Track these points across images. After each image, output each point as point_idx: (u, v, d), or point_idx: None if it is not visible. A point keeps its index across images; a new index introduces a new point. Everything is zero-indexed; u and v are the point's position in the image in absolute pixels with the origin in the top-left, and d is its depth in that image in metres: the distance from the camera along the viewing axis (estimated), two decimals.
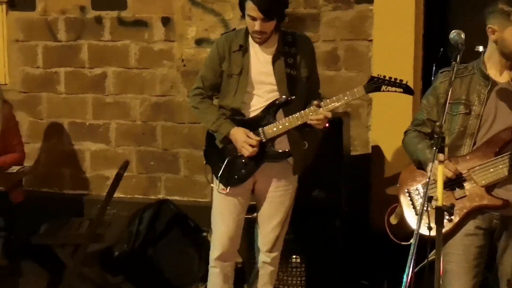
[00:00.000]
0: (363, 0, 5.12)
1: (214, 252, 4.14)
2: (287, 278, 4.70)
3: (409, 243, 3.50)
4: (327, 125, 3.91)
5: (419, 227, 2.88)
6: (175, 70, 5.55)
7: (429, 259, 3.36)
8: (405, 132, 3.64)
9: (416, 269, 3.60)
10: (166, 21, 5.54)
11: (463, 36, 3.18)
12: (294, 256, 4.69)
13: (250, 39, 3.98)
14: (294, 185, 4.15)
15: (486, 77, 3.34)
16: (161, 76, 5.58)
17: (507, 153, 3.28)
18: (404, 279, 2.81)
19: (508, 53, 3.29)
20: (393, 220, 3.63)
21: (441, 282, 2.94)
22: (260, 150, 3.96)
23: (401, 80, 3.82)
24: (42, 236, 5.00)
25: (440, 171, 2.88)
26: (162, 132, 5.66)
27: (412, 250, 2.83)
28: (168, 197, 5.51)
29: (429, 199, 2.94)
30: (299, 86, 3.98)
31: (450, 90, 3.10)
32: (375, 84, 3.85)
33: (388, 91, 3.85)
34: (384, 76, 3.84)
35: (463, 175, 3.30)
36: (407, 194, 3.53)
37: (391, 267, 3.91)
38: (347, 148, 4.90)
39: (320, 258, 4.64)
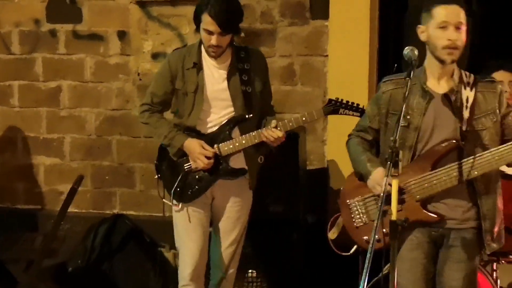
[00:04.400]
0: (318, 16, 5.18)
1: (186, 269, 4.06)
2: None
3: (350, 253, 3.57)
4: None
5: (373, 240, 2.90)
6: (131, 84, 5.54)
7: (383, 273, 3.41)
8: (349, 136, 3.67)
9: (371, 282, 3.65)
10: (122, 34, 5.53)
11: (416, 52, 3.21)
12: (250, 271, 4.70)
13: (203, 55, 3.98)
14: (250, 200, 4.16)
15: (425, 89, 3.36)
16: (117, 90, 5.56)
17: (441, 168, 3.29)
18: None
19: (435, 52, 3.32)
20: (332, 235, 3.67)
21: None
22: (215, 166, 3.97)
23: (357, 105, 3.90)
24: None
25: (394, 185, 2.92)
26: (118, 146, 5.63)
27: (367, 263, 2.86)
28: (124, 212, 5.48)
29: (384, 213, 2.98)
30: (254, 102, 4.00)
31: (404, 106, 3.10)
32: (333, 107, 3.92)
33: (346, 114, 3.93)
34: (342, 100, 3.91)
35: (400, 189, 3.23)
36: (348, 206, 3.55)
37: (349, 279, 3.96)
38: (304, 162, 4.94)
39: (278, 271, 4.65)
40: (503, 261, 4.12)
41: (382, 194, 2.99)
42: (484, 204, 3.32)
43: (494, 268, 4.12)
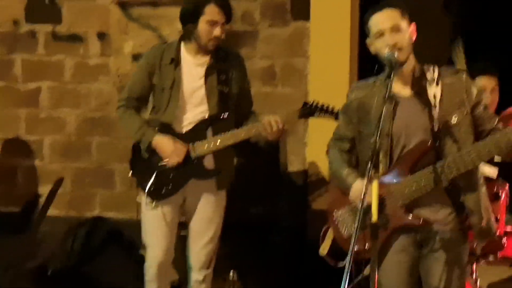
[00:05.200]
0: (299, 17, 5.20)
1: (151, 267, 4.13)
2: None
3: (344, 264, 3.56)
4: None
5: (353, 247, 2.90)
6: (111, 85, 5.51)
7: (364, 274, 3.42)
8: (328, 146, 3.65)
9: (353, 283, 3.66)
10: (102, 36, 5.51)
11: (396, 56, 3.20)
12: (231, 272, 4.70)
13: (182, 52, 4.01)
14: (223, 200, 4.17)
15: (390, 94, 3.28)
16: (97, 91, 5.53)
17: (420, 172, 3.26)
18: None
19: (384, 61, 3.28)
20: (323, 250, 3.67)
21: None
22: (189, 166, 3.98)
23: (332, 108, 3.95)
24: None
25: (374, 187, 2.92)
26: (98, 148, 5.60)
27: (347, 267, 2.86)
28: (104, 214, 5.46)
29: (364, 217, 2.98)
30: (229, 103, 4.04)
31: (385, 108, 3.11)
32: (308, 110, 3.97)
33: (321, 117, 3.99)
34: (317, 103, 3.95)
35: (382, 195, 3.19)
36: (335, 217, 3.54)
37: (329, 281, 3.97)
38: (284, 164, 4.95)
39: (258, 274, 4.66)
40: (482, 262, 4.15)
41: (360, 203, 2.96)
42: (468, 200, 3.31)
43: (474, 269, 4.15)
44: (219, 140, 3.95)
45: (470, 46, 6.01)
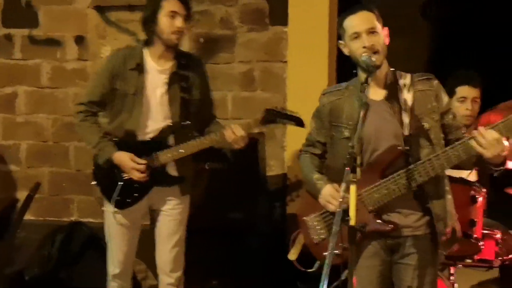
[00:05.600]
0: (278, 22, 5.21)
1: (114, 269, 4.18)
2: None
3: (314, 269, 3.58)
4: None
5: (332, 249, 2.91)
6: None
7: (342, 278, 3.44)
8: (300, 151, 3.67)
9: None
10: (79, 40, 5.50)
11: (373, 59, 3.23)
12: (214, 282, 4.70)
13: (145, 58, 4.02)
14: (187, 204, 4.20)
15: (362, 98, 3.27)
16: (74, 95, 5.50)
17: (390, 177, 3.27)
18: None
19: (357, 62, 3.29)
20: (292, 255, 3.68)
21: None
22: (153, 174, 4.00)
23: (293, 114, 4.01)
24: None
25: (352, 191, 2.94)
26: (75, 153, 5.58)
27: (325, 269, 2.87)
28: (82, 219, 5.43)
29: (343, 219, 2.98)
30: (192, 110, 4.06)
31: (361, 113, 3.09)
32: (271, 116, 4.01)
33: (283, 123, 4.05)
34: (279, 110, 4.01)
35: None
36: (306, 223, 3.53)
37: (307, 285, 3.98)
38: (263, 169, 4.96)
39: (236, 279, 4.66)
40: (460, 265, 4.17)
41: (338, 209, 2.97)
42: (435, 206, 3.32)
43: (451, 272, 4.17)
44: (182, 150, 3.98)
45: (447, 51, 6.07)
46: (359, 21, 3.30)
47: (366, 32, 3.27)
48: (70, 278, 5.05)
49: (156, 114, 4.02)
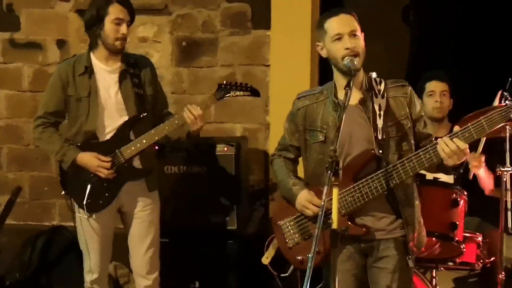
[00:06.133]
0: (260, 25, 5.24)
1: (90, 276, 4.17)
2: None
3: (287, 274, 3.59)
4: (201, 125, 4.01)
5: (314, 251, 2.92)
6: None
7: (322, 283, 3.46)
8: (273, 155, 3.69)
9: None
10: (61, 43, 5.49)
11: (355, 62, 3.24)
12: (196, 283, 4.70)
13: (93, 61, 4.08)
14: (157, 202, 4.24)
15: (335, 101, 3.35)
16: None
17: (363, 180, 3.29)
18: None
19: (339, 66, 3.31)
20: (265, 260, 3.70)
21: None
22: (121, 170, 4.04)
23: (246, 84, 4.11)
24: None
25: (335, 194, 2.95)
26: None
27: (308, 272, 2.89)
28: (63, 223, 5.41)
29: (325, 224, 2.98)
30: (146, 104, 4.12)
31: (341, 120, 3.09)
32: (224, 90, 4.09)
33: (237, 96, 4.11)
34: (231, 82, 4.09)
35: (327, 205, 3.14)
36: (280, 227, 3.54)
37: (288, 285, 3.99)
38: (245, 172, 4.97)
39: (219, 281, 4.67)
40: (441, 268, 4.22)
41: (320, 213, 2.95)
42: (405, 211, 3.35)
43: (433, 275, 4.21)
44: (144, 140, 4.02)
45: (426, 55, 6.11)
46: (341, 23, 3.31)
47: (349, 34, 3.29)
48: (50, 283, 5.03)
49: (112, 113, 4.08)
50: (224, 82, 4.12)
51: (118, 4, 4.00)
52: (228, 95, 4.09)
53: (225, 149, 4.69)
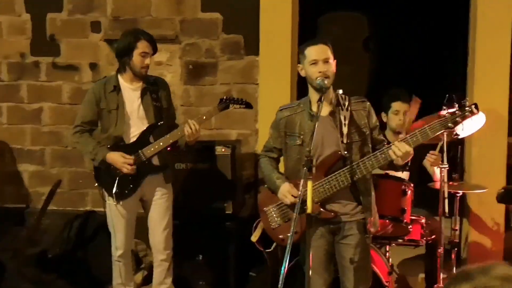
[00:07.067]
0: (251, 52, 5.25)
1: (117, 251, 4.20)
2: (192, 274, 4.71)
3: (271, 249, 3.63)
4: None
5: (292, 231, 2.96)
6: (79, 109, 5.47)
7: (298, 257, 3.49)
8: (259, 156, 3.73)
9: (291, 263, 3.71)
10: (93, 66, 5.50)
11: (326, 82, 3.30)
12: (200, 256, 4.71)
13: (120, 81, 4.11)
14: (171, 192, 4.27)
15: (311, 113, 3.39)
16: None
17: (332, 175, 3.34)
18: (282, 271, 2.91)
19: (313, 84, 3.35)
20: (254, 238, 3.73)
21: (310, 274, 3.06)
22: (142, 166, 4.06)
23: (242, 99, 4.18)
24: None
25: (309, 185, 2.99)
26: None
27: (288, 248, 2.92)
28: (94, 209, 5.43)
29: (302, 210, 3.02)
30: (163, 114, 4.16)
31: (314, 127, 3.15)
32: (224, 103, 4.13)
33: (235, 108, 4.17)
34: (230, 97, 4.16)
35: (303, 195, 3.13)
36: (265, 212, 3.58)
37: (275, 261, 4.02)
38: (239, 167, 4.99)
39: (218, 256, 4.68)
40: (393, 244, 4.25)
41: (298, 199, 3.01)
42: (364, 200, 3.41)
43: (387, 249, 4.25)
44: (161, 142, 4.06)
45: (382, 76, 6.15)
46: (318, 51, 3.35)
47: (323, 61, 3.33)
48: (85, 257, 5.03)
49: (136, 121, 4.11)
50: (224, 97, 4.17)
51: (145, 41, 4.02)
52: (228, 107, 4.13)
53: (223, 150, 4.73)
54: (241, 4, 5.22)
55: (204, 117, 4.11)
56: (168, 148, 4.18)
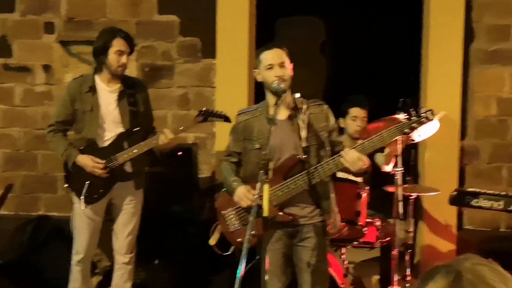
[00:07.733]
0: (208, 55, 5.25)
1: (77, 256, 4.15)
2: (149, 278, 4.68)
3: (229, 252, 3.63)
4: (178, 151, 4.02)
5: (249, 235, 2.97)
6: (53, 109, 5.40)
7: (256, 259, 3.50)
8: (221, 160, 3.74)
9: (248, 266, 3.72)
10: (46, 68, 5.41)
11: (282, 85, 3.31)
12: (156, 260, 4.69)
13: (96, 82, 4.05)
14: (141, 198, 4.23)
15: (269, 117, 3.38)
16: (42, 113, 5.41)
17: (290, 179, 3.35)
18: (238, 275, 2.92)
19: (270, 88, 3.36)
20: (212, 241, 3.73)
21: (266, 276, 3.07)
22: (114, 172, 4.02)
23: (221, 112, 4.13)
24: None
25: (266, 189, 3.01)
26: (43, 159, 5.48)
27: (244, 251, 2.94)
28: (48, 213, 5.33)
29: (258, 213, 3.03)
30: (139, 120, 4.11)
31: (270, 131, 3.18)
32: (202, 116, 4.10)
33: (213, 121, 4.16)
34: (208, 109, 4.12)
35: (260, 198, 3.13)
36: (223, 216, 3.58)
37: (233, 264, 4.02)
38: (196, 172, 4.98)
39: (178, 259, 4.66)
40: (349, 246, 4.29)
41: (254, 203, 3.02)
42: (323, 203, 3.44)
43: (343, 251, 4.29)
44: (135, 150, 4.03)
45: (338, 79, 6.23)
46: (273, 56, 3.36)
47: (278, 65, 3.34)
48: (38, 262, 4.94)
49: (110, 125, 4.05)
50: (204, 108, 4.11)
51: (121, 39, 3.97)
52: (206, 120, 4.09)
53: (180, 153, 4.71)
54: (198, 7, 5.21)
55: (181, 128, 4.09)
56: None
